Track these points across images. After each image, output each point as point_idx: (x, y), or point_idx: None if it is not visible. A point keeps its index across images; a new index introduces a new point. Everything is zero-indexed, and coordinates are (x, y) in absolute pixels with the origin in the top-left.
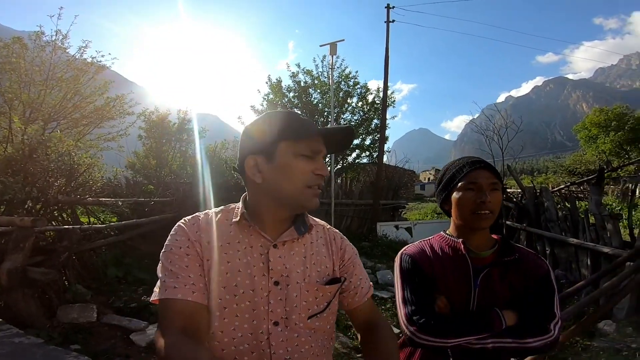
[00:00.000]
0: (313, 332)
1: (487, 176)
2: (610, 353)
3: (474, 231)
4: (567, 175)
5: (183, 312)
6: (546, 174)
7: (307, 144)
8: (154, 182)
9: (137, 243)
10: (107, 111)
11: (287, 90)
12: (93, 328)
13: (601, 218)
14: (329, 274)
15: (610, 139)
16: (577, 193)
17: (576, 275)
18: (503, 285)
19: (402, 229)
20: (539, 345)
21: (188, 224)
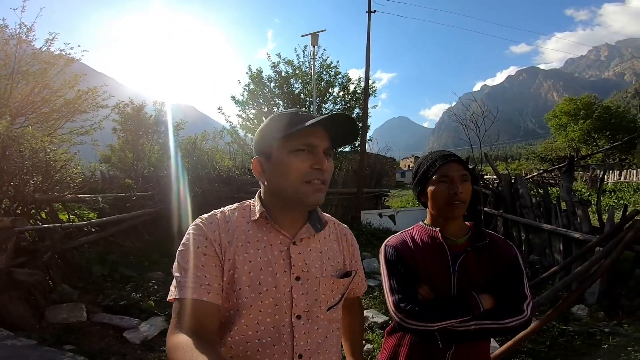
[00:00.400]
0: (329, 323)
1: (457, 169)
2: (585, 337)
3: (448, 220)
4: (539, 162)
5: (197, 313)
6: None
7: (299, 139)
8: (131, 175)
9: (119, 239)
10: (79, 104)
11: (268, 80)
12: (84, 328)
13: (572, 204)
14: (340, 268)
15: (579, 127)
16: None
17: (550, 260)
18: (478, 269)
19: (386, 217)
20: (515, 325)
21: (206, 223)
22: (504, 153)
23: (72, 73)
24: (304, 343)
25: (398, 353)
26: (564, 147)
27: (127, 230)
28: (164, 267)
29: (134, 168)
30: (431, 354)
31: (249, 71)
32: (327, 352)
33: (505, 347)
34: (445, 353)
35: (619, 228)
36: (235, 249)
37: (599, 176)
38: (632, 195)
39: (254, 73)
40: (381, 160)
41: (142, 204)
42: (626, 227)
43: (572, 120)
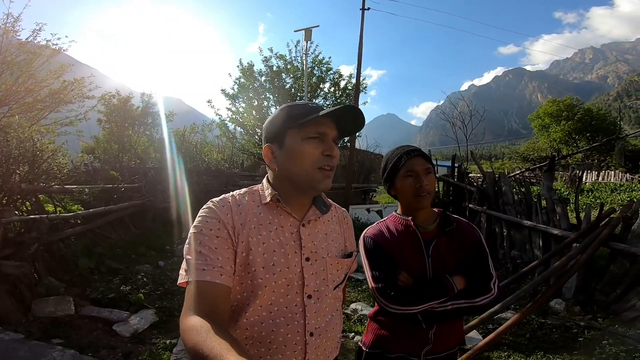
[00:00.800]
0: (335, 302)
1: (421, 163)
2: (562, 330)
3: (418, 210)
4: (522, 161)
5: (210, 295)
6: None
7: (312, 127)
8: (117, 167)
9: (106, 231)
10: (64, 95)
11: (259, 74)
12: (72, 321)
13: (552, 202)
14: (342, 249)
15: (560, 128)
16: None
17: (530, 255)
18: (449, 252)
19: (373, 212)
20: (485, 303)
21: (218, 206)
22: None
23: (58, 64)
24: (315, 322)
25: (384, 336)
26: (546, 147)
27: (113, 223)
28: (152, 260)
29: (120, 160)
30: (415, 335)
31: (240, 65)
32: (333, 330)
33: (488, 339)
34: (428, 332)
35: (595, 225)
36: (248, 231)
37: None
38: (609, 195)
39: (245, 67)
40: (370, 157)
41: (129, 196)
42: (602, 224)
43: (554, 121)
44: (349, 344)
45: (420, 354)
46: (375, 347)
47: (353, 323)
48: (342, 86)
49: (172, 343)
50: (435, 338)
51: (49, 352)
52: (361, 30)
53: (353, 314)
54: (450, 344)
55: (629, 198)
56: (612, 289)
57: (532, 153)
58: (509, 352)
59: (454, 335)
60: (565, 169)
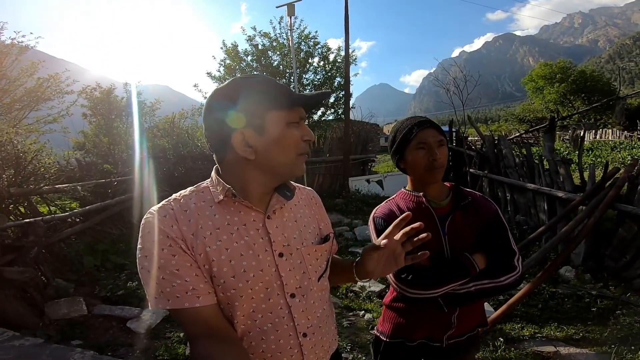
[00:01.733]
0: (323, 294)
1: (433, 134)
2: (574, 300)
3: (429, 184)
4: (518, 123)
5: (199, 319)
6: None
7: (295, 110)
8: (109, 160)
9: (106, 227)
10: (41, 92)
11: (245, 54)
12: (87, 321)
13: (554, 163)
14: (317, 234)
15: (555, 90)
16: (527, 139)
17: (535, 220)
18: (466, 227)
19: (374, 182)
20: (511, 282)
21: (160, 218)
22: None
23: (29, 61)
24: (305, 321)
25: (403, 324)
26: (542, 108)
27: (113, 217)
28: None
29: (111, 152)
30: (438, 320)
31: (223, 46)
32: (327, 324)
33: (500, 312)
34: (450, 316)
35: (600, 186)
36: (203, 240)
37: (579, 135)
38: (609, 153)
39: (229, 48)
40: (365, 127)
41: (125, 189)
42: (607, 185)
43: (548, 83)
44: (360, 323)
45: (443, 339)
46: (394, 336)
47: (362, 300)
48: (331, 59)
49: (186, 336)
50: (457, 321)
51: (70, 355)
52: (346, 1)
53: (361, 291)
54: (471, 327)
55: (630, 156)
56: (621, 254)
57: (528, 115)
58: (522, 324)
59: (476, 317)
60: (564, 129)
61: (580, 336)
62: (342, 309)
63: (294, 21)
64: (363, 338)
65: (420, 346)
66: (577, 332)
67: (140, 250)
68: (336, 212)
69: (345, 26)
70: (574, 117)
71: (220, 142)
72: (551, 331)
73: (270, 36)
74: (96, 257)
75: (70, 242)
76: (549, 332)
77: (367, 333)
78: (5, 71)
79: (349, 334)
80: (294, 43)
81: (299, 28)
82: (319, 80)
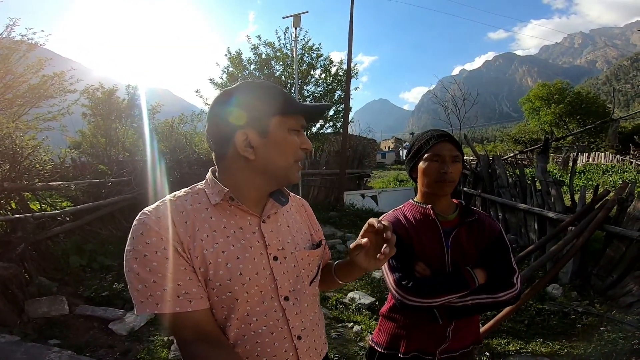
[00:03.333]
0: (314, 297)
1: (449, 149)
2: (560, 317)
3: (438, 197)
4: (513, 144)
5: (190, 324)
6: (494, 142)
7: (297, 119)
8: (105, 161)
9: (96, 227)
10: (44, 90)
11: (248, 62)
12: (68, 321)
13: (546, 184)
14: (309, 240)
15: (551, 111)
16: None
17: (525, 239)
18: (469, 243)
19: (368, 198)
20: (508, 298)
21: (154, 219)
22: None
23: (36, 58)
24: (299, 324)
25: (399, 335)
26: (537, 130)
27: (104, 218)
28: None
29: (107, 153)
30: (432, 332)
31: (228, 53)
32: (319, 327)
33: (488, 327)
34: (445, 329)
35: (590, 208)
36: (200, 243)
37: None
38: (601, 176)
39: (233, 55)
40: (363, 142)
41: (119, 190)
42: (597, 207)
43: (544, 104)
44: (349, 334)
45: (436, 352)
46: (389, 347)
47: (352, 312)
48: (333, 72)
49: (170, 340)
50: (452, 335)
51: (46, 354)
52: (351, 15)
53: (351, 303)
54: (466, 342)
55: (621, 179)
56: (608, 273)
57: (523, 136)
58: (509, 339)
59: (471, 333)
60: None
61: (565, 352)
62: (331, 320)
63: (299, 32)
64: (351, 349)
65: (413, 359)
66: (562, 347)
67: (130, 252)
68: (330, 224)
69: (349, 40)
70: (568, 139)
71: (222, 139)
72: (536, 347)
73: (274, 46)
74: (83, 257)
75: (57, 241)
76: (535, 347)
77: (355, 345)
78: (11, 67)
79: (337, 345)
80: (298, 54)
81: (303, 39)
82: (319, 92)
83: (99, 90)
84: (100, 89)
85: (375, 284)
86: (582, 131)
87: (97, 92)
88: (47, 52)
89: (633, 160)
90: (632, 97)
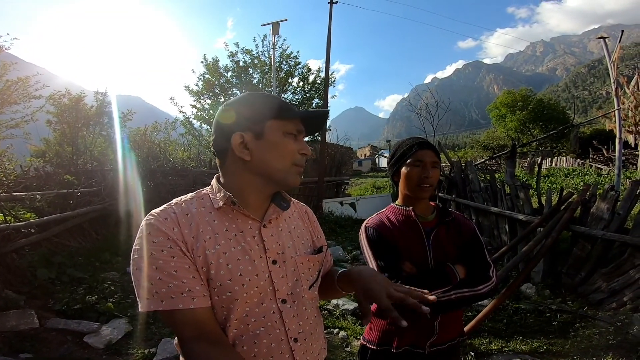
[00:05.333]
0: (313, 302)
1: (430, 155)
2: (536, 315)
3: (418, 200)
4: (482, 150)
5: (191, 321)
6: (465, 148)
7: (293, 123)
8: (72, 171)
9: (64, 239)
10: (7, 95)
11: (225, 70)
12: (39, 334)
13: (515, 188)
14: (310, 245)
15: (516, 118)
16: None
17: (498, 241)
18: (448, 241)
19: (347, 205)
20: (487, 291)
21: (161, 220)
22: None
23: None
24: (296, 326)
25: (389, 331)
26: (504, 136)
27: (72, 230)
28: (119, 267)
29: (74, 163)
30: (421, 327)
31: (204, 60)
32: (317, 332)
33: (470, 327)
34: (433, 323)
35: (556, 209)
36: (203, 244)
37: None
38: (563, 180)
39: (209, 62)
40: (340, 150)
41: (88, 201)
42: (563, 208)
43: (510, 111)
44: (335, 341)
45: (425, 346)
46: (381, 343)
47: (336, 319)
48: (310, 80)
49: (151, 352)
50: (440, 328)
51: None
52: (329, 24)
53: (335, 310)
54: (453, 335)
55: (583, 182)
56: (577, 271)
57: (491, 142)
58: (490, 338)
59: (456, 325)
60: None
61: (545, 349)
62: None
63: (277, 40)
64: (338, 355)
65: (405, 353)
66: (541, 345)
67: (137, 251)
68: None
69: (327, 50)
70: (533, 144)
71: (222, 144)
72: (517, 345)
73: (252, 53)
74: (51, 270)
75: (23, 253)
76: (515, 345)
77: (342, 350)
78: None
79: None
80: (276, 62)
81: (281, 47)
82: (297, 100)
83: (66, 97)
84: (67, 95)
85: None
86: (545, 137)
87: (63, 98)
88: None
89: (593, 164)
90: (590, 103)
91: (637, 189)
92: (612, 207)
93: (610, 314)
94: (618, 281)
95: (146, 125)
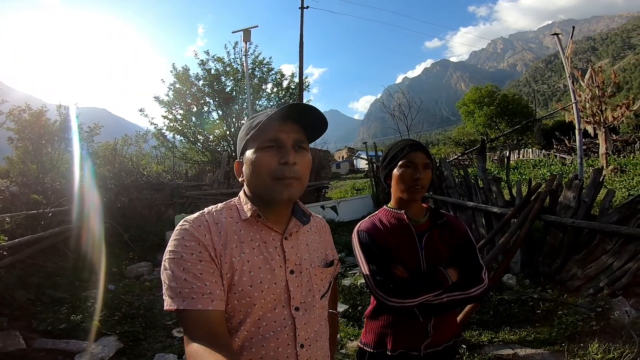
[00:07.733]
0: (322, 311)
1: (422, 157)
2: (520, 304)
3: (410, 202)
4: (454, 146)
5: (205, 322)
6: (438, 145)
7: (268, 135)
8: (39, 190)
9: (39, 260)
10: None
11: (196, 78)
12: (27, 355)
13: (487, 182)
14: (324, 258)
15: (483, 113)
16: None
17: (476, 235)
18: (441, 244)
19: (328, 208)
20: (479, 293)
21: (195, 226)
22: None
23: None
24: (304, 333)
25: (385, 334)
26: (473, 131)
27: (46, 250)
28: (99, 285)
29: (41, 181)
30: (415, 329)
31: (173, 69)
32: (322, 339)
33: (459, 320)
34: (426, 325)
35: (527, 200)
36: (230, 251)
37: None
38: (531, 171)
39: (179, 71)
40: (319, 154)
41: (60, 220)
42: (532, 198)
43: (477, 107)
44: None
45: (420, 348)
46: (378, 346)
47: None
48: (284, 86)
49: None
50: (434, 331)
51: None
52: (301, 29)
53: None
54: (448, 337)
55: (549, 172)
56: (552, 259)
57: (462, 138)
58: (480, 330)
59: (451, 328)
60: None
61: (532, 337)
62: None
63: (249, 47)
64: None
65: (401, 356)
66: (528, 334)
67: (170, 253)
68: None
69: (300, 55)
70: (500, 139)
71: (235, 169)
72: (506, 335)
73: (224, 61)
74: (29, 291)
75: None
76: (504, 336)
77: (337, 353)
78: None
79: None
80: (249, 69)
81: (253, 54)
82: (272, 107)
83: (26, 112)
84: (27, 110)
85: (346, 291)
86: (511, 131)
87: (23, 113)
88: None
89: (557, 154)
90: (550, 96)
91: (599, 176)
92: (578, 195)
93: (589, 300)
94: (592, 267)
95: (116, 138)
